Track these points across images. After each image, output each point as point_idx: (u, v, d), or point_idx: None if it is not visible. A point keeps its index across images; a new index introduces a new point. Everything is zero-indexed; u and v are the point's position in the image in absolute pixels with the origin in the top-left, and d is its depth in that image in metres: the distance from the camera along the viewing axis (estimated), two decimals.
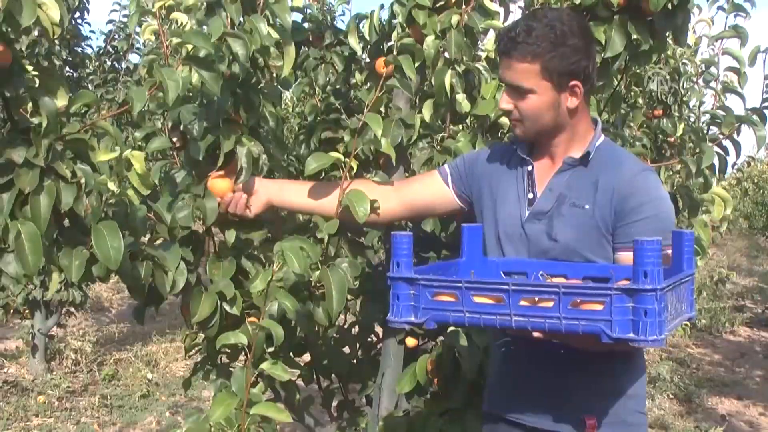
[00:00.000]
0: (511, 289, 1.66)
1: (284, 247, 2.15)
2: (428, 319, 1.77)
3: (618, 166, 2.03)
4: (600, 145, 2.09)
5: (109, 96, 6.68)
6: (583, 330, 1.60)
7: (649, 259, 1.56)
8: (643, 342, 1.55)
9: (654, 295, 1.55)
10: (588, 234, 2.00)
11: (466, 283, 1.71)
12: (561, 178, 2.08)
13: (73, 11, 6.39)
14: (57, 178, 1.88)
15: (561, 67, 1.98)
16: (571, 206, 2.03)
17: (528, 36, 1.98)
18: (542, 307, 1.65)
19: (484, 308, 1.70)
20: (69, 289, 6.18)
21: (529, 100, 2.02)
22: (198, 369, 2.62)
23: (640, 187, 1.99)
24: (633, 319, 1.56)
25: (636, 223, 1.96)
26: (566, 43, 1.97)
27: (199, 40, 2.09)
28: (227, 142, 2.29)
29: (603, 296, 1.58)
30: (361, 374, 3.01)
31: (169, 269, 2.17)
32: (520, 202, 2.12)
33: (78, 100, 2.01)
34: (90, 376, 6.60)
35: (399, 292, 1.80)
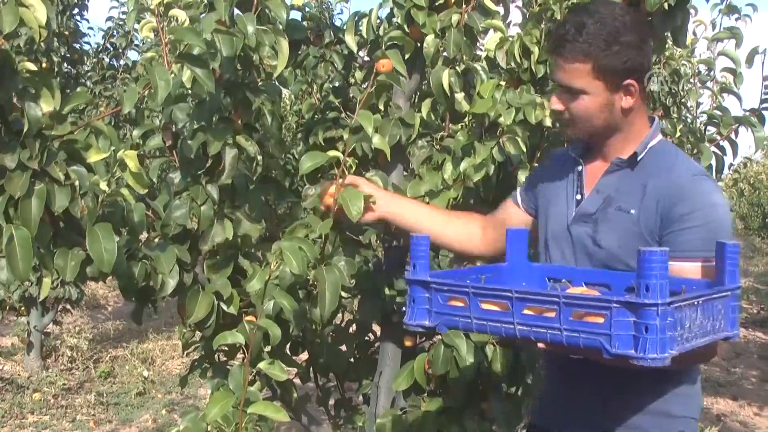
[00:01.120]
0: (515, 297, 1.61)
1: (283, 246, 2.14)
2: (440, 323, 1.74)
3: (668, 169, 1.93)
4: (654, 145, 1.99)
5: (107, 93, 6.67)
6: (583, 343, 1.54)
7: (653, 271, 1.48)
8: (642, 360, 1.48)
9: (655, 311, 1.46)
10: (632, 241, 1.89)
11: (473, 289, 1.67)
12: (609, 179, 2.00)
13: (72, 7, 6.39)
14: (50, 181, 1.87)
15: (615, 66, 1.89)
16: (617, 210, 1.94)
17: (579, 34, 1.88)
18: (545, 317, 1.59)
19: (491, 315, 1.66)
20: (65, 287, 6.18)
21: (581, 101, 1.94)
22: (195, 367, 2.62)
23: (690, 192, 1.87)
24: (634, 334, 1.49)
25: (683, 231, 1.85)
26: (619, 41, 1.88)
27: (191, 37, 2.08)
28: (215, 144, 2.28)
29: (604, 309, 1.51)
30: (359, 373, 3.01)
31: (162, 271, 2.17)
32: (568, 202, 2.06)
33: (73, 100, 2.00)
34: (86, 374, 6.59)
35: (415, 294, 1.76)
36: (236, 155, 2.31)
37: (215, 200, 2.30)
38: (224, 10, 2.19)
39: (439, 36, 2.62)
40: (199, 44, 2.08)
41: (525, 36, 2.59)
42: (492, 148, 2.47)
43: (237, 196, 2.41)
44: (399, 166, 2.74)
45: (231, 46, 2.13)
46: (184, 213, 2.28)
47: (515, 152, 2.45)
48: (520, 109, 2.47)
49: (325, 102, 3.01)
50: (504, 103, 2.48)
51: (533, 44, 2.56)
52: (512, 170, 2.58)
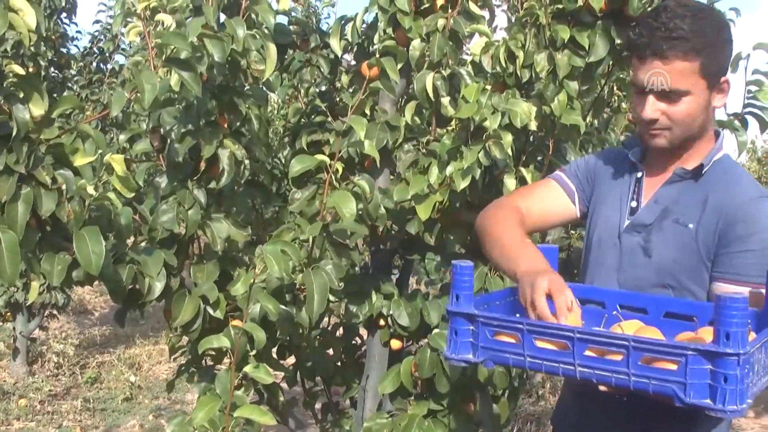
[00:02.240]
0: (577, 337, 1.50)
1: (266, 250, 2.15)
2: (487, 359, 1.64)
3: (732, 186, 1.81)
4: (719, 159, 1.87)
5: (94, 97, 6.66)
6: (653, 390, 1.44)
7: (733, 318, 1.36)
8: (720, 412, 1.37)
9: (736, 360, 1.36)
10: (687, 256, 1.80)
11: (527, 326, 1.56)
12: (669, 190, 1.88)
13: (60, 11, 6.37)
14: (37, 184, 1.87)
15: (720, 62, 1.78)
16: (674, 222, 1.83)
17: (684, 31, 1.73)
18: (610, 359, 1.49)
19: (547, 354, 1.55)
20: (51, 292, 6.15)
21: (683, 103, 1.78)
22: (182, 372, 2.62)
23: (752, 214, 1.76)
24: (711, 384, 1.39)
25: (740, 253, 1.74)
26: (720, 36, 1.77)
27: (178, 41, 2.09)
28: (208, 146, 2.29)
29: (679, 356, 1.41)
30: (345, 376, 3.02)
31: (149, 275, 2.17)
32: (621, 208, 1.95)
33: (61, 104, 2.00)
34: (72, 379, 6.57)
35: (458, 327, 1.65)
36: (232, 156, 2.31)
37: (203, 204, 2.31)
38: (212, 14, 2.20)
39: (425, 40, 2.63)
40: (185, 48, 2.09)
41: (510, 40, 2.60)
42: (478, 152, 2.48)
43: (224, 200, 2.42)
44: (386, 170, 2.75)
45: (222, 50, 2.14)
46: (172, 217, 2.28)
47: (501, 156, 2.46)
48: (505, 113, 2.49)
49: (311, 106, 3.01)
50: (489, 107, 2.49)
51: (518, 49, 2.58)
52: (498, 174, 2.59)
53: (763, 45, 2.78)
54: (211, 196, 2.36)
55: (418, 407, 2.64)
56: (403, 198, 2.61)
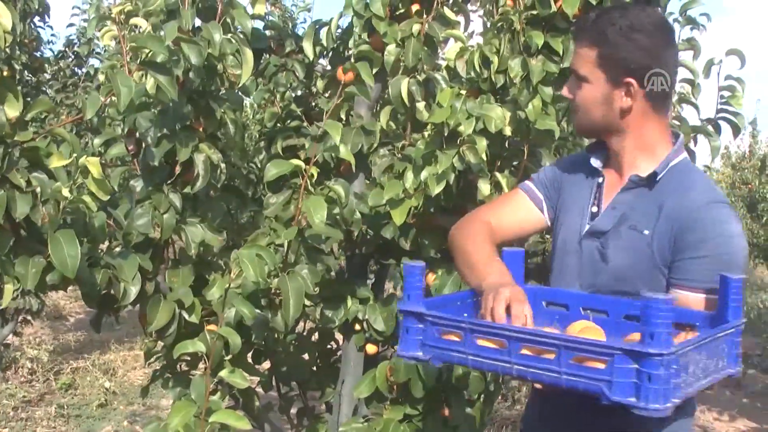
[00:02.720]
0: (513, 336, 1.55)
1: (241, 254, 2.14)
2: (433, 357, 1.69)
3: (685, 192, 1.84)
4: (675, 165, 1.90)
5: (69, 101, 6.61)
6: (583, 387, 1.48)
7: (658, 319, 1.41)
8: (643, 410, 1.41)
9: (660, 360, 1.40)
10: (642, 263, 1.84)
11: (469, 325, 1.61)
12: (626, 196, 1.92)
13: (33, 15, 6.32)
14: (11, 187, 1.86)
15: (616, 58, 1.85)
16: (630, 229, 1.86)
17: (595, 22, 1.88)
18: (543, 358, 1.53)
19: (487, 353, 1.60)
20: (26, 297, 6.10)
21: (583, 89, 1.91)
22: (157, 377, 2.61)
23: (703, 220, 1.79)
24: (636, 382, 1.42)
25: (694, 260, 1.77)
26: (630, 37, 1.84)
27: (154, 44, 2.09)
28: (184, 150, 2.28)
29: (605, 355, 1.45)
30: (321, 381, 3.02)
31: (124, 279, 2.16)
32: (583, 213, 1.99)
33: (35, 107, 1.99)
34: (46, 386, 6.51)
35: (408, 325, 1.70)
36: (207, 161, 2.31)
37: (178, 209, 2.30)
38: (189, 18, 2.20)
39: (400, 45, 2.64)
40: (162, 52, 2.08)
41: (485, 46, 2.61)
42: (453, 157, 2.49)
43: (199, 205, 2.41)
44: (361, 174, 2.75)
45: (199, 54, 2.14)
46: (147, 221, 2.27)
47: (475, 161, 2.47)
48: (480, 118, 2.50)
49: (286, 111, 3.01)
50: (464, 112, 2.50)
51: (493, 54, 2.59)
52: (472, 179, 2.60)
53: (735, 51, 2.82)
54: (187, 201, 2.36)
55: (394, 412, 2.64)
56: (378, 203, 2.61)
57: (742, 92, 2.89)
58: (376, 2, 2.61)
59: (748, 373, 7.96)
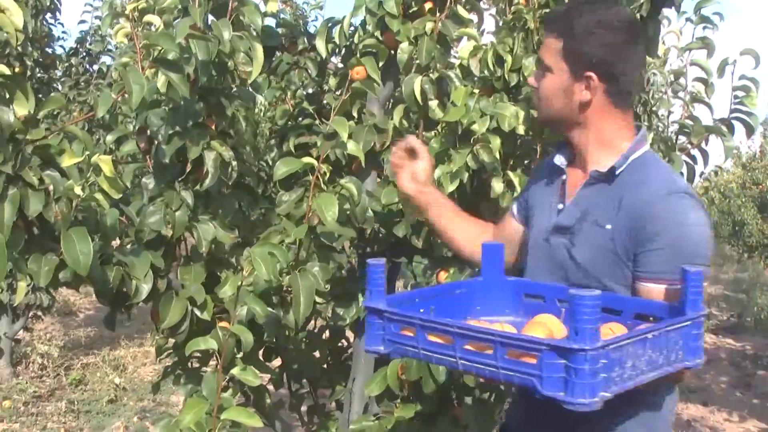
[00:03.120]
0: (456, 332, 1.60)
1: (253, 252, 2.15)
2: (392, 351, 1.75)
3: (642, 185, 1.86)
4: (636, 159, 1.92)
5: (81, 98, 6.63)
6: (517, 382, 1.52)
7: (583, 315, 1.44)
8: (571, 404, 1.44)
9: (584, 356, 1.43)
10: (604, 257, 1.86)
11: (420, 321, 1.66)
12: (587, 191, 1.95)
13: (45, 11, 6.34)
14: (24, 185, 1.86)
15: (580, 51, 1.88)
16: (593, 224, 1.89)
17: (563, 15, 1.93)
18: (484, 353, 1.57)
19: (436, 348, 1.65)
20: (36, 293, 6.12)
21: (547, 78, 1.94)
22: (168, 373, 2.61)
23: (661, 211, 1.80)
24: (565, 378, 1.46)
25: (654, 252, 1.79)
26: (595, 32, 1.86)
27: (166, 42, 2.09)
28: (194, 148, 2.28)
29: (535, 351, 1.49)
30: (332, 379, 3.01)
31: (136, 276, 2.16)
32: (550, 212, 2.03)
33: (47, 105, 1.99)
34: (57, 381, 6.54)
35: (371, 321, 1.76)
36: (217, 159, 2.31)
37: (190, 206, 2.30)
38: (199, 15, 2.19)
39: (413, 43, 2.64)
40: (173, 49, 2.08)
41: (498, 44, 2.61)
42: (466, 155, 2.49)
43: (211, 202, 2.41)
44: (373, 172, 2.75)
45: (206, 51, 2.14)
46: (159, 219, 2.27)
47: (489, 160, 2.47)
48: (493, 117, 2.49)
49: (298, 108, 3.01)
50: (477, 111, 2.49)
51: (506, 53, 2.58)
52: (486, 177, 2.59)
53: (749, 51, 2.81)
54: (199, 198, 2.36)
55: (405, 410, 2.64)
56: (390, 201, 2.61)
57: (756, 92, 2.87)
58: (390, 0, 2.61)
59: (758, 374, 7.94)
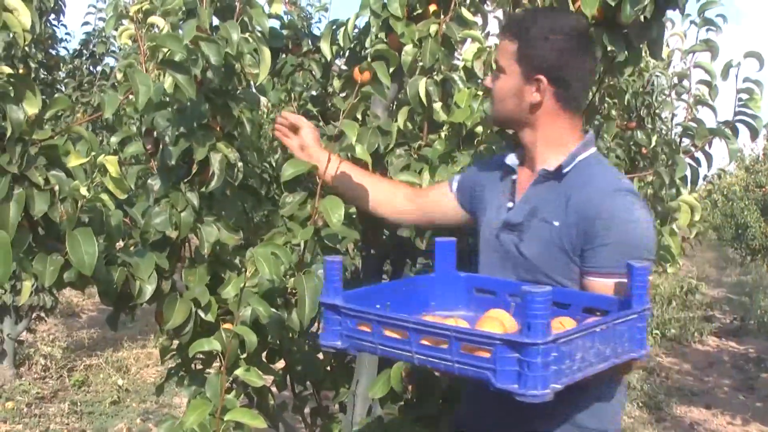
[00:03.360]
0: (412, 328, 1.66)
1: (257, 253, 2.15)
2: (349, 346, 1.80)
3: (590, 183, 1.95)
4: (583, 160, 2.01)
5: (84, 99, 6.64)
6: (472, 375, 1.58)
7: (536, 311, 1.50)
8: (523, 396, 1.51)
9: (536, 350, 1.49)
10: (552, 252, 1.94)
11: (376, 317, 1.72)
12: (536, 189, 2.03)
13: (49, 13, 6.35)
14: (30, 185, 1.86)
15: (533, 55, 1.97)
16: (541, 221, 1.97)
17: (519, 20, 2.03)
18: (439, 348, 1.63)
19: (392, 342, 1.70)
20: (39, 294, 6.13)
21: (500, 79, 2.05)
22: (171, 375, 2.61)
23: (607, 209, 1.89)
24: (518, 371, 1.51)
25: (601, 248, 1.88)
26: (547, 37, 1.96)
27: (173, 43, 2.09)
28: (201, 149, 2.28)
29: (489, 345, 1.54)
30: (335, 381, 3.01)
31: (140, 277, 2.16)
32: (499, 210, 2.10)
33: (54, 105, 2.00)
34: (60, 382, 6.54)
35: (328, 316, 1.82)
36: (224, 160, 2.31)
37: (195, 207, 2.31)
38: (206, 17, 2.20)
39: (417, 46, 2.64)
40: (180, 51, 2.08)
41: None
42: (470, 157, 2.49)
43: (216, 204, 2.41)
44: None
45: (218, 54, 2.14)
46: (165, 220, 2.27)
47: None
48: None
49: (302, 111, 3.01)
50: (481, 113, 2.50)
51: None
52: None
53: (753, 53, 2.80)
54: (203, 200, 2.36)
55: (408, 412, 2.64)
56: None
57: (760, 95, 2.88)
58: (394, 2, 2.61)
59: (761, 377, 7.93)
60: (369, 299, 1.90)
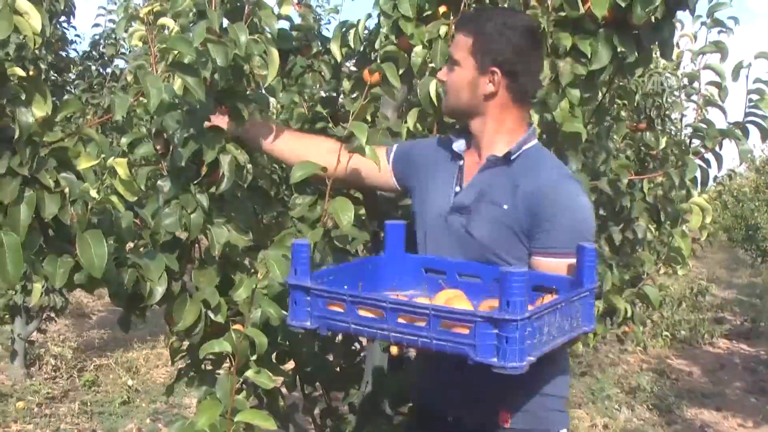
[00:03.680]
0: (389, 307, 1.74)
1: (268, 255, 2.16)
2: (320, 326, 1.87)
3: (537, 171, 2.10)
4: (528, 149, 2.16)
5: (95, 101, 6.66)
6: (450, 350, 1.67)
7: (514, 289, 1.60)
8: (503, 368, 1.61)
9: (515, 325, 1.59)
10: (501, 232, 2.07)
11: (350, 297, 1.80)
12: (484, 175, 2.16)
13: (59, 15, 6.37)
14: (41, 187, 1.87)
15: (487, 49, 2.09)
16: (489, 204, 2.10)
17: (476, 16, 2.17)
18: (416, 325, 1.72)
19: (367, 321, 1.79)
20: (50, 295, 6.14)
21: (455, 72, 2.15)
22: (182, 376, 2.62)
23: (555, 194, 2.04)
24: (496, 345, 1.62)
25: (550, 230, 2.02)
26: (502, 33, 2.08)
27: (182, 46, 2.10)
28: (210, 151, 2.29)
29: (469, 322, 1.64)
30: (345, 382, 3.01)
31: (150, 279, 2.17)
32: (446, 193, 2.21)
33: (65, 108, 2.01)
34: (70, 382, 6.56)
35: (296, 298, 1.88)
36: (233, 162, 2.32)
37: (205, 209, 2.31)
38: (216, 19, 2.20)
39: (427, 47, 2.64)
40: (190, 53, 2.09)
41: None
42: None
43: (226, 205, 2.42)
44: None
45: (225, 56, 2.15)
46: (175, 221, 2.28)
47: None
48: None
49: (312, 112, 3.01)
50: None
51: None
52: None
53: (764, 54, 2.80)
54: (213, 201, 2.36)
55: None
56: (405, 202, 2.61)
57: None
58: (405, 3, 2.61)
59: None
60: (328, 280, 1.97)
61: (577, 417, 6.13)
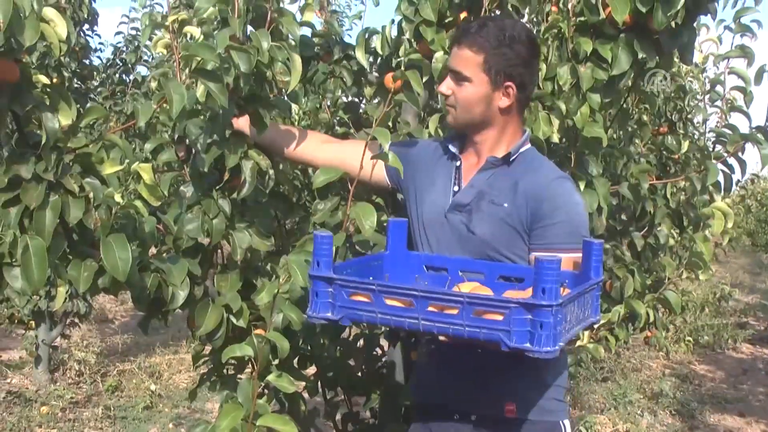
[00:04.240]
0: (420, 296, 1.78)
1: (290, 260, 2.17)
2: (343, 317, 1.89)
3: (535, 171, 2.18)
4: (525, 151, 2.24)
5: (117, 108, 6.70)
6: (483, 337, 1.71)
7: (548, 277, 1.66)
8: (537, 353, 1.66)
9: (551, 311, 1.65)
10: (503, 230, 2.14)
11: (379, 287, 1.83)
12: (483, 176, 2.23)
13: (82, 23, 6.42)
14: (65, 192, 1.89)
15: (500, 65, 2.14)
16: (489, 203, 2.17)
17: (480, 30, 2.16)
18: (448, 313, 1.76)
19: (395, 311, 1.82)
20: (74, 300, 6.19)
21: (465, 88, 2.18)
22: (204, 380, 2.63)
23: (554, 192, 2.13)
24: (530, 330, 1.67)
25: (550, 227, 2.11)
26: (512, 47, 2.14)
27: (205, 52, 2.12)
28: (232, 156, 2.31)
29: (504, 308, 1.69)
30: (367, 387, 3.02)
31: (172, 283, 2.19)
32: (445, 193, 2.27)
33: (89, 114, 2.03)
34: (93, 387, 6.60)
35: (318, 289, 1.90)
36: (255, 168, 2.34)
37: (227, 214, 2.33)
38: (238, 26, 2.22)
39: (448, 53, 2.65)
40: (213, 59, 2.11)
41: None
42: None
43: (248, 210, 2.43)
44: None
45: (248, 62, 2.16)
46: (197, 226, 2.30)
47: None
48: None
49: (335, 118, 3.03)
50: None
51: (541, 61, 2.58)
52: None
53: None
54: (235, 206, 2.38)
55: None
56: None
57: None
58: (427, 7, 2.62)
59: None
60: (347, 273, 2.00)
61: (599, 422, 6.10)
